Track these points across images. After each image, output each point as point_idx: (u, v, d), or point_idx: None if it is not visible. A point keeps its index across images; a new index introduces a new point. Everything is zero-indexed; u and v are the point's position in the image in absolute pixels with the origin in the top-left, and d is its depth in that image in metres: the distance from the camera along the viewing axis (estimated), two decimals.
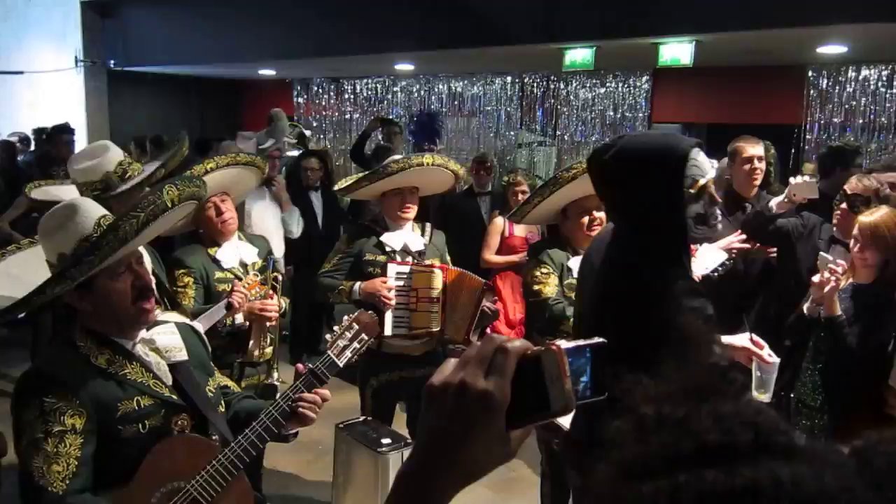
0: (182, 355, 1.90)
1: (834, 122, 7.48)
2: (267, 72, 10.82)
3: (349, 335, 2.11)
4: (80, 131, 8.99)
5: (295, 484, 4.10)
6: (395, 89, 10.64)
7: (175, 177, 1.88)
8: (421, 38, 7.42)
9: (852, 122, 7.38)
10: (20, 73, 10.36)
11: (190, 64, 10.05)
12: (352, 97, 11.06)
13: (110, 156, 2.75)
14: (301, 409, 1.96)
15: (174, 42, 9.66)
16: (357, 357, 2.13)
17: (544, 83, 9.33)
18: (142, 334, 1.85)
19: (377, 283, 3.30)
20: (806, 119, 7.57)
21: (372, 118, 8.46)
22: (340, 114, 11.21)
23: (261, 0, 8.44)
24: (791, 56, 7.06)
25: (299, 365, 2.04)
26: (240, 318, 3.10)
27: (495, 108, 9.75)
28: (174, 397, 1.84)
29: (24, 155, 8.15)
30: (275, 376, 3.23)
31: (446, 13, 7.01)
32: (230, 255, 3.28)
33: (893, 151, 6.74)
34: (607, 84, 8.86)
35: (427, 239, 3.58)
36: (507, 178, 5.28)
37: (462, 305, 3.46)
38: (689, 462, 0.48)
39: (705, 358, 0.58)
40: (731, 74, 7.87)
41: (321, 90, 11.39)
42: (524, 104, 9.53)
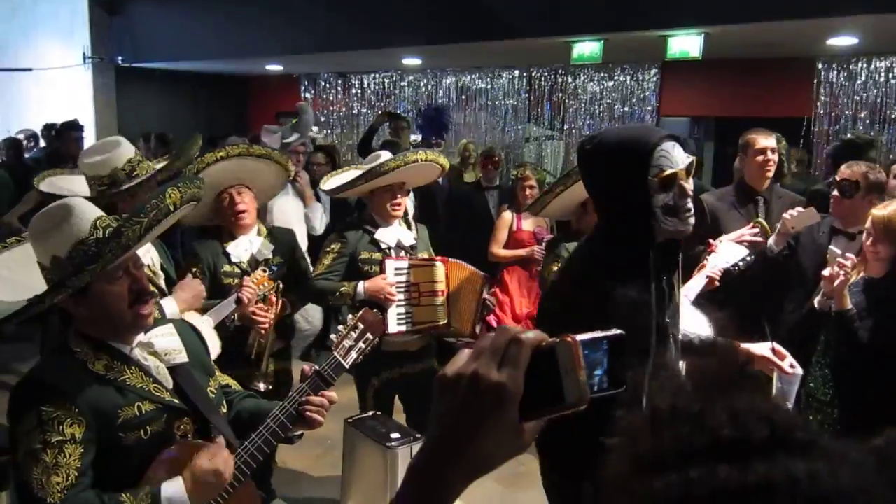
0: (182, 357, 1.84)
1: (844, 115, 7.43)
2: (274, 67, 10.82)
3: (354, 335, 2.08)
4: (89, 128, 9.02)
5: (304, 479, 4.11)
6: (403, 84, 10.62)
7: (178, 178, 1.83)
8: (428, 33, 7.40)
9: (862, 115, 7.33)
10: (28, 70, 10.40)
11: (197, 60, 10.07)
12: (359, 92, 11.06)
13: (120, 152, 2.73)
14: (308, 414, 1.92)
15: (181, 38, 9.68)
16: (362, 357, 2.10)
17: (552, 77, 9.29)
18: (139, 338, 1.79)
19: (381, 282, 3.29)
20: (815, 112, 7.52)
21: (379, 113, 8.46)
22: (348, 109, 11.21)
23: None
24: (800, 48, 7.00)
25: (305, 367, 1.99)
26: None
27: (503, 102, 9.72)
28: (176, 401, 1.79)
29: (33, 151, 8.17)
30: (260, 386, 3.11)
31: (454, 7, 6.99)
32: (242, 250, 3.26)
33: None
34: (615, 77, 8.82)
35: (415, 233, 3.58)
36: (516, 173, 5.26)
37: (464, 297, 3.46)
38: (703, 457, 0.47)
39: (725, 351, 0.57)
40: (740, 67, 7.82)
41: (328, 85, 11.38)
42: (532, 98, 9.50)
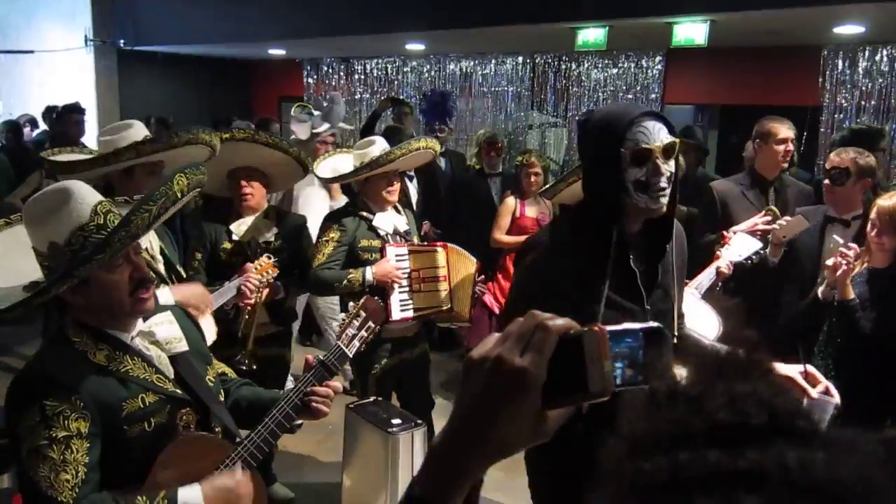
0: (182, 346, 1.81)
1: (849, 104, 7.38)
2: (277, 51, 10.77)
3: (357, 323, 2.07)
4: (91, 111, 8.99)
5: (305, 464, 4.13)
6: (406, 70, 10.57)
7: (183, 165, 1.77)
8: (432, 18, 7.35)
9: (868, 104, 7.28)
10: (30, 53, 10.35)
11: (199, 43, 10.02)
12: (362, 77, 11.00)
13: (130, 133, 2.76)
14: (315, 405, 1.92)
15: (184, 22, 9.63)
16: (364, 345, 2.10)
17: (556, 63, 9.23)
18: (140, 326, 1.75)
19: (388, 266, 3.29)
20: (821, 101, 7.48)
21: (382, 98, 8.42)
22: (350, 94, 11.16)
23: None
24: (806, 37, 6.95)
25: (309, 357, 1.99)
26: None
27: (506, 89, 9.67)
28: (179, 392, 1.76)
29: (33, 136, 8.15)
30: (243, 366, 3.13)
31: None
32: (243, 229, 3.38)
33: None
34: (620, 64, 8.76)
35: (406, 218, 3.58)
36: (521, 159, 5.24)
37: (463, 282, 3.48)
38: (697, 441, 0.46)
39: (735, 334, 0.56)
40: (746, 55, 7.77)
41: (331, 70, 11.33)
42: (535, 85, 9.45)
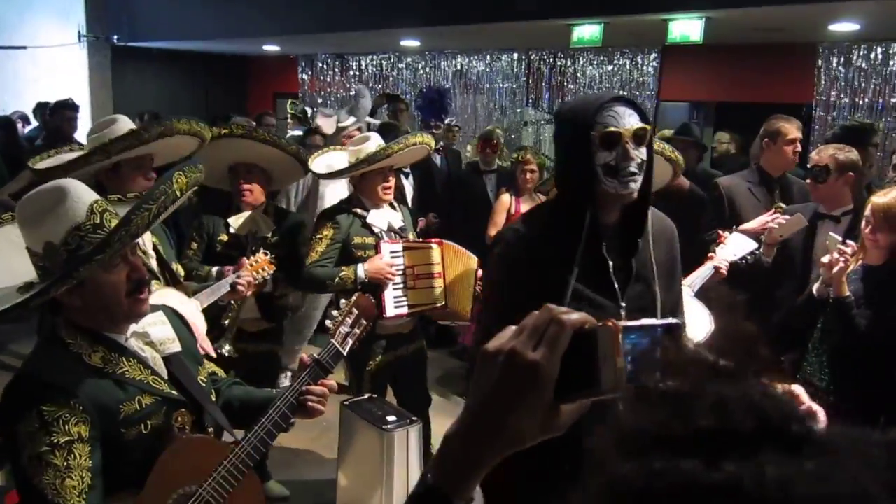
0: (176, 346, 1.80)
1: (844, 102, 7.39)
2: (271, 48, 10.74)
3: (350, 321, 2.07)
4: (84, 107, 8.95)
5: (300, 461, 4.12)
6: (401, 66, 10.55)
7: (182, 163, 1.75)
8: (427, 14, 7.33)
9: (863, 101, 7.29)
10: (23, 49, 10.30)
11: (194, 40, 9.98)
12: (357, 74, 10.98)
13: (111, 129, 2.78)
14: (310, 404, 1.91)
15: (177, 17, 9.58)
16: (357, 343, 2.10)
17: (551, 60, 9.23)
18: (133, 327, 1.73)
19: (380, 263, 3.27)
20: (816, 98, 7.49)
21: (377, 95, 8.40)
22: (345, 90, 11.13)
23: None
24: (802, 34, 6.95)
25: (304, 356, 1.98)
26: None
27: (501, 86, 9.66)
28: (174, 393, 1.75)
29: (25, 131, 8.10)
30: (225, 348, 3.16)
31: None
32: (241, 223, 3.38)
33: None
34: (615, 61, 8.76)
35: (401, 215, 3.56)
36: (517, 156, 5.24)
37: (461, 280, 3.46)
38: (676, 447, 0.44)
39: (734, 326, 0.54)
40: (741, 52, 7.77)
41: (326, 66, 11.30)
42: (530, 81, 9.44)
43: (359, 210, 3.39)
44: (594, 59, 8.90)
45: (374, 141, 3.45)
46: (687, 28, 6.18)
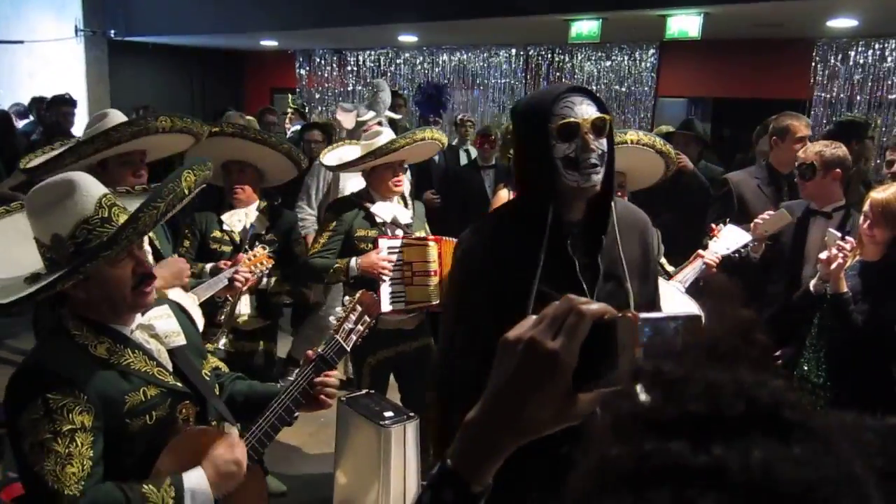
0: (181, 340, 1.81)
1: (842, 98, 7.40)
2: (269, 43, 10.71)
3: (353, 317, 2.08)
4: (81, 102, 8.93)
5: (297, 457, 4.12)
6: (399, 61, 10.53)
7: (189, 161, 1.78)
8: (425, 9, 7.32)
9: (860, 97, 7.30)
10: (20, 43, 10.26)
11: (191, 34, 9.95)
12: (354, 69, 10.96)
13: (105, 122, 2.78)
14: (323, 397, 1.94)
15: (174, 12, 9.55)
16: (361, 339, 2.11)
17: (549, 56, 9.22)
18: (139, 319, 1.75)
19: (374, 257, 3.26)
20: (812, 94, 7.49)
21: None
22: (343, 86, 11.11)
23: None
24: (800, 30, 6.95)
25: (309, 352, 2.01)
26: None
27: (499, 81, 9.65)
28: (179, 385, 1.76)
29: (22, 125, 8.07)
30: (222, 341, 3.19)
31: None
32: (235, 220, 3.36)
33: None
34: (613, 57, 8.75)
35: (412, 211, 3.54)
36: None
37: None
38: (667, 430, 0.44)
39: (731, 314, 0.54)
40: (739, 48, 7.77)
41: (323, 62, 11.28)
42: (528, 77, 9.43)
43: (365, 203, 3.39)
44: (592, 55, 8.89)
45: (387, 135, 3.45)
46: (685, 24, 6.18)
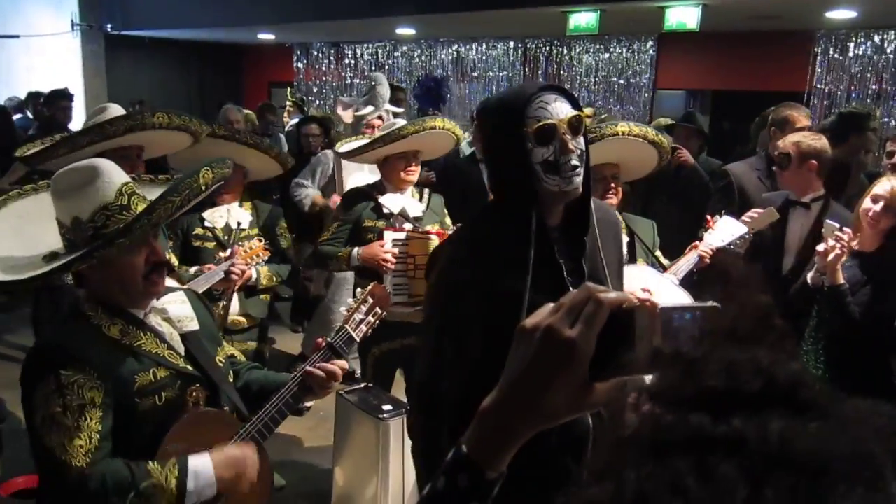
0: (194, 325, 1.86)
1: (840, 89, 7.38)
2: (266, 36, 10.68)
3: (364, 309, 2.10)
4: (78, 96, 8.90)
5: (297, 450, 4.12)
6: (396, 54, 10.50)
7: (209, 159, 1.82)
8: (422, 2, 7.30)
9: (860, 89, 7.28)
10: (16, 37, 10.23)
11: (188, 28, 9.92)
12: (352, 62, 10.93)
13: (104, 115, 2.79)
14: (316, 380, 1.92)
15: (171, 6, 9.52)
16: (371, 330, 2.12)
17: (547, 48, 9.20)
18: (153, 304, 1.81)
19: (376, 248, 3.25)
20: (811, 85, 7.48)
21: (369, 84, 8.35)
22: (341, 79, 11.09)
23: None
24: (799, 21, 6.93)
25: (318, 339, 2.03)
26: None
27: (497, 74, 9.63)
28: (189, 368, 1.80)
29: (17, 119, 8.04)
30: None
31: None
32: (217, 216, 3.29)
33: None
34: (611, 49, 8.73)
35: (425, 205, 3.52)
36: None
37: None
38: (687, 405, 0.46)
39: (749, 300, 0.55)
40: (738, 40, 7.75)
41: (321, 55, 11.25)
42: (526, 70, 9.41)
43: (377, 194, 3.40)
44: (591, 47, 8.87)
45: (400, 124, 3.43)
46: (683, 15, 6.16)
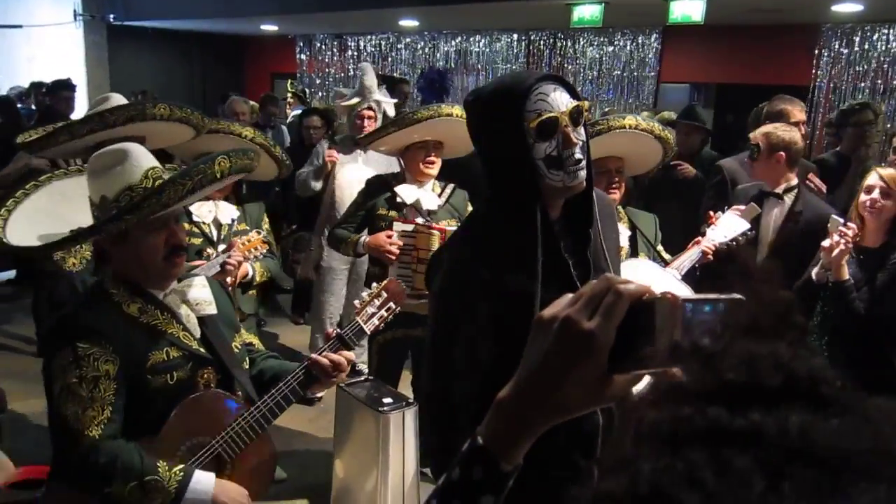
0: (211, 309, 1.92)
1: (845, 84, 7.34)
2: (269, 27, 10.65)
3: (378, 303, 2.10)
4: (81, 86, 8.89)
5: (297, 441, 4.12)
6: (399, 46, 10.47)
7: (230, 150, 1.87)
8: None
9: (866, 83, 7.24)
10: (18, 27, 10.21)
11: (191, 19, 9.89)
12: (355, 54, 10.90)
13: (106, 105, 2.82)
14: (319, 368, 1.94)
15: None
16: (384, 325, 2.12)
17: (551, 41, 9.16)
18: (173, 286, 1.88)
19: (382, 238, 3.26)
20: (816, 79, 7.44)
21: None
22: (343, 71, 11.05)
23: None
24: (805, 14, 6.89)
25: (329, 330, 2.07)
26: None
27: (501, 67, 9.59)
28: (202, 350, 1.87)
29: (20, 110, 8.02)
30: None
31: None
32: (205, 211, 3.23)
33: None
34: (616, 42, 8.69)
35: (443, 200, 3.50)
36: None
37: None
38: (705, 398, 0.45)
39: (770, 295, 0.53)
40: (743, 33, 7.71)
41: (324, 46, 11.22)
42: (530, 62, 9.37)
43: (395, 184, 3.42)
44: (594, 40, 8.83)
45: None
46: (688, 8, 6.13)
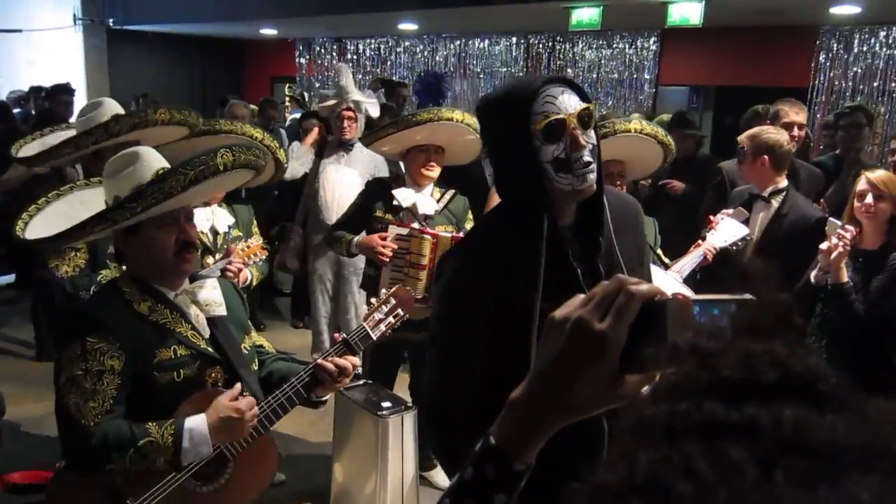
0: (221, 310, 1.96)
1: (844, 85, 7.34)
2: (268, 31, 10.66)
3: (385, 309, 2.12)
4: (80, 90, 8.90)
5: (297, 445, 4.12)
6: (399, 49, 10.48)
7: (233, 143, 1.92)
8: None
9: (864, 85, 7.24)
10: (18, 31, 10.22)
11: (190, 22, 9.90)
12: (354, 57, 10.90)
13: (100, 111, 2.85)
14: (326, 374, 1.96)
15: (174, 0, 9.50)
16: (391, 331, 2.13)
17: (550, 44, 9.16)
18: (184, 286, 1.92)
19: (374, 239, 3.26)
20: (815, 81, 7.44)
21: (372, 79, 8.35)
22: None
23: None
24: (803, 16, 6.90)
25: (336, 335, 2.10)
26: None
27: (499, 70, 9.59)
28: (210, 350, 1.91)
29: (18, 111, 8.03)
30: None
31: None
32: (203, 219, 3.20)
33: None
34: (614, 45, 8.70)
35: (442, 205, 3.49)
36: None
37: None
38: (702, 393, 0.46)
39: (768, 297, 0.54)
40: (742, 35, 7.71)
41: (323, 50, 11.23)
42: (529, 65, 9.38)
43: (394, 186, 3.45)
44: (593, 43, 8.84)
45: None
46: (687, 11, 6.14)
